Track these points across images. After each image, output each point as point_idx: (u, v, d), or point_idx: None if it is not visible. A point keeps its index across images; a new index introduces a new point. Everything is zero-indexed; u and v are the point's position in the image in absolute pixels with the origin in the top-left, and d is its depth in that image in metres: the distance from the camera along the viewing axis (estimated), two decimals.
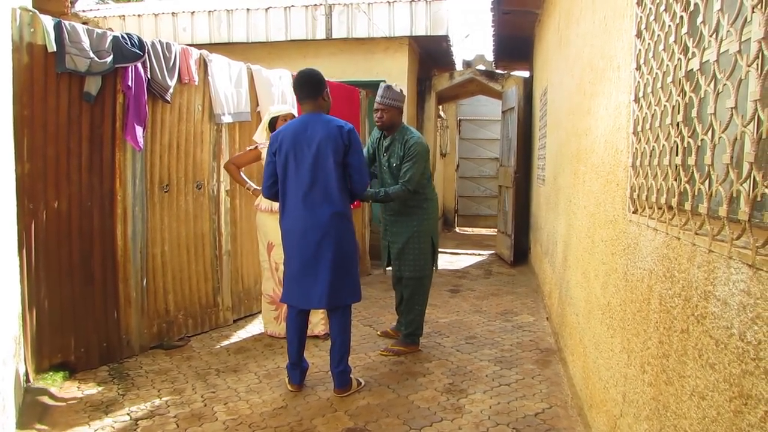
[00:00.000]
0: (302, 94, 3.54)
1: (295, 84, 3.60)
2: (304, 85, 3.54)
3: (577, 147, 3.79)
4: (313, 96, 3.54)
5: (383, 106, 4.26)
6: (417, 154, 4.18)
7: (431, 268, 4.43)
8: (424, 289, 4.43)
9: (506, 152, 8.92)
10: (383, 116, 4.28)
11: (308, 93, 3.53)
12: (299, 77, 3.56)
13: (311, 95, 3.54)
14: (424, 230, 4.34)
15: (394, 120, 4.30)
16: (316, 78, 3.55)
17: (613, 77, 2.64)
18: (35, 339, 3.66)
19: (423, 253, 4.35)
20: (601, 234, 2.79)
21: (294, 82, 3.61)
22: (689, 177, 1.59)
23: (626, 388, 2.14)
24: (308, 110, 3.56)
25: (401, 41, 8.50)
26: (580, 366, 3.25)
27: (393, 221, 4.43)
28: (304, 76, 3.56)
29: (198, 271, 4.84)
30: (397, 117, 4.31)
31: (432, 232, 4.39)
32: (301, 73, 3.58)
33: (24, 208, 3.58)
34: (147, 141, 4.31)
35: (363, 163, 3.56)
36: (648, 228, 1.94)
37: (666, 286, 1.71)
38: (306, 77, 3.55)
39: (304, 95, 3.54)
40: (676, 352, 1.60)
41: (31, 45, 3.57)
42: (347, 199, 3.57)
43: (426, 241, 4.35)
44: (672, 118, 1.76)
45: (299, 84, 3.55)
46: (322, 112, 3.57)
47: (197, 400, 3.50)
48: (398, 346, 4.42)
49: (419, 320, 4.44)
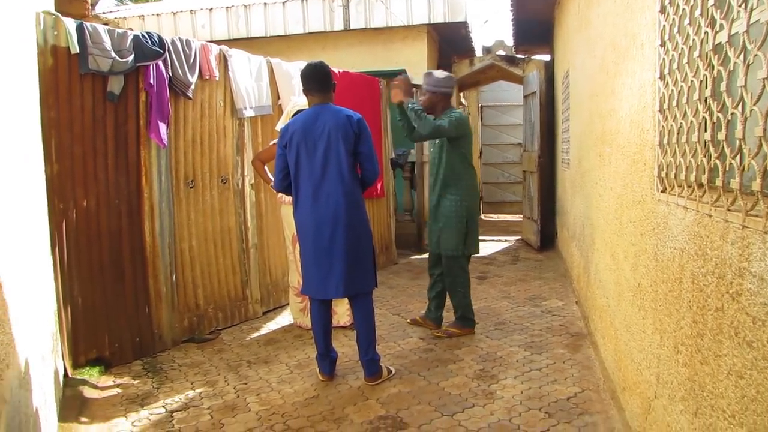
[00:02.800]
0: (312, 86, 3.55)
1: (304, 76, 3.58)
2: (314, 79, 3.54)
3: (602, 128, 3.74)
4: (323, 89, 3.55)
5: (423, 91, 4.52)
6: (452, 119, 4.31)
7: (467, 248, 4.44)
8: (461, 269, 4.47)
9: (529, 137, 8.84)
10: (422, 100, 4.50)
11: (318, 86, 3.54)
12: (310, 70, 3.56)
13: (321, 88, 3.55)
14: (459, 212, 4.40)
15: (434, 104, 4.46)
16: (325, 71, 3.57)
17: (637, 55, 2.59)
18: (71, 335, 3.74)
19: (459, 233, 4.40)
20: (629, 215, 2.76)
21: (303, 74, 3.59)
22: (720, 152, 1.56)
23: (660, 369, 2.11)
24: (317, 102, 3.56)
25: (419, 29, 8.45)
26: (612, 349, 3.23)
27: (435, 203, 4.55)
28: (314, 69, 3.56)
29: (226, 265, 4.89)
30: (437, 101, 4.46)
31: (469, 215, 4.44)
32: (311, 66, 3.58)
33: (55, 207, 3.64)
34: (171, 138, 4.36)
35: (373, 151, 3.57)
36: (677, 207, 1.91)
37: (698, 264, 1.69)
38: (317, 71, 3.55)
39: (313, 88, 3.55)
40: (711, 330, 1.57)
41: (54, 47, 3.62)
42: (359, 189, 3.58)
43: (461, 221, 4.40)
44: (699, 93, 1.72)
45: (309, 77, 3.55)
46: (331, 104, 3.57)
47: (230, 392, 3.54)
48: (452, 328, 4.52)
49: (464, 302, 4.49)
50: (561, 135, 7.56)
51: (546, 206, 8.40)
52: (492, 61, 9.41)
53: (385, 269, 7.16)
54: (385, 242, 7.40)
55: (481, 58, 9.57)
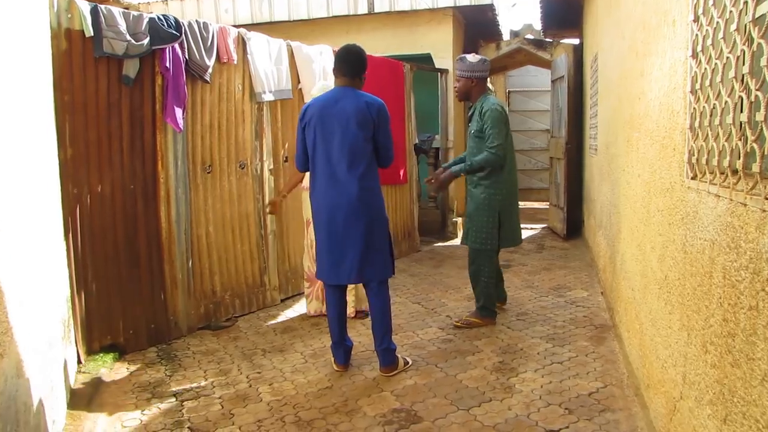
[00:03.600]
0: (343, 69, 3.44)
1: (339, 58, 3.46)
2: (348, 62, 3.44)
3: (630, 113, 3.57)
4: (354, 74, 3.45)
5: (456, 77, 4.50)
6: (491, 119, 4.18)
7: (493, 243, 4.32)
8: (486, 261, 4.35)
9: (557, 123, 8.61)
10: (456, 86, 4.48)
11: (350, 70, 3.43)
12: (346, 52, 3.45)
13: (352, 73, 3.44)
14: (491, 204, 4.28)
15: (469, 89, 4.39)
16: (361, 57, 3.46)
17: (668, 33, 2.43)
18: (85, 321, 3.72)
19: (486, 225, 4.29)
20: (656, 203, 2.60)
21: (338, 55, 3.48)
22: (757, 135, 1.41)
23: (686, 369, 1.98)
24: (341, 84, 3.46)
25: (445, 12, 8.26)
26: (637, 343, 3.08)
27: (469, 192, 4.51)
28: (351, 52, 3.46)
29: (244, 251, 4.83)
30: (472, 86, 4.37)
31: (502, 208, 4.31)
32: (348, 49, 3.47)
33: (68, 192, 3.61)
34: (188, 122, 4.29)
35: (390, 139, 3.48)
36: (709, 194, 1.76)
37: (730, 257, 1.55)
38: (353, 54, 3.45)
39: (344, 71, 3.44)
40: (744, 331, 1.43)
41: (69, 31, 3.58)
42: (376, 175, 3.47)
43: (492, 215, 4.28)
44: (736, 70, 1.57)
45: (344, 59, 3.44)
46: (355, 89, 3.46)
47: (243, 381, 3.48)
48: (472, 318, 4.43)
49: (486, 292, 4.38)
50: (589, 120, 7.34)
51: (573, 194, 8.19)
52: (519, 45, 9.18)
53: (407, 257, 7.06)
54: (407, 229, 7.29)
55: (508, 41, 9.35)
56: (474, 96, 4.39)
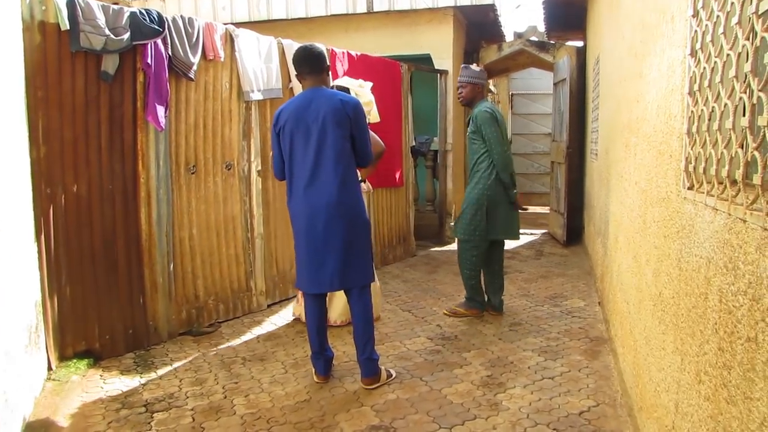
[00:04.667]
0: (304, 69, 3.31)
1: (296, 59, 3.35)
2: (306, 60, 3.30)
3: (629, 116, 3.40)
4: (316, 71, 3.30)
5: (461, 84, 4.70)
6: (481, 123, 4.45)
7: (479, 237, 4.51)
8: (468, 254, 4.57)
9: (558, 126, 8.44)
10: (462, 92, 4.70)
11: (309, 68, 3.30)
12: (301, 52, 3.33)
13: (313, 70, 3.30)
14: (479, 199, 4.49)
15: (473, 95, 4.66)
16: (316, 52, 3.33)
17: (666, 31, 2.26)
18: (57, 327, 3.57)
19: (473, 218, 4.50)
20: (653, 213, 2.43)
21: (294, 57, 3.36)
22: (759, 142, 1.24)
23: (679, 397, 1.81)
24: (310, 86, 3.31)
25: (445, 12, 8.10)
26: (631, 360, 2.91)
27: (469, 182, 4.71)
28: (305, 50, 3.34)
29: (229, 255, 4.68)
30: (474, 93, 4.66)
31: (489, 204, 4.49)
32: (302, 48, 3.36)
33: (41, 192, 3.46)
34: (171, 121, 4.15)
35: (368, 138, 3.34)
36: (706, 207, 1.59)
37: (727, 279, 1.38)
38: (307, 52, 3.32)
39: (305, 70, 3.31)
40: (741, 365, 1.27)
41: (43, 23, 3.43)
42: (355, 177, 3.31)
43: (479, 208, 4.48)
44: (737, 69, 1.41)
45: (302, 59, 3.31)
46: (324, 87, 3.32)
47: (218, 391, 3.33)
48: (459, 308, 4.71)
49: (470, 283, 4.62)
50: (591, 125, 7.17)
51: (573, 199, 8.01)
52: (521, 47, 9.00)
53: (402, 261, 6.90)
54: (403, 233, 7.13)
55: (510, 43, 9.18)
56: (476, 101, 4.65)
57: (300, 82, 3.40)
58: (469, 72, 4.67)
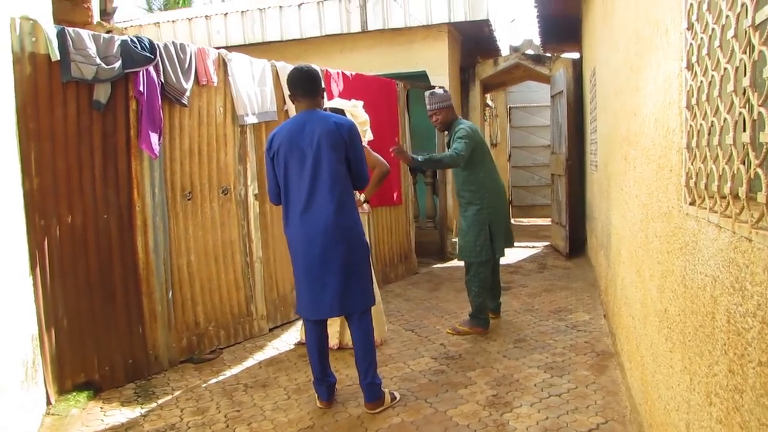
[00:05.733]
0: (298, 91, 3.25)
1: (294, 80, 3.26)
2: (301, 83, 3.24)
3: (626, 129, 3.37)
4: (310, 94, 3.26)
5: (433, 111, 4.61)
6: (462, 133, 4.42)
7: (486, 254, 4.53)
8: (478, 275, 4.57)
9: (557, 138, 8.41)
10: (437, 119, 4.62)
11: (303, 91, 3.24)
12: (298, 72, 3.26)
13: (308, 93, 3.25)
14: (480, 218, 4.52)
15: (448, 118, 4.61)
16: (312, 74, 3.27)
17: (661, 44, 2.23)
18: (55, 359, 3.52)
19: (479, 239, 4.51)
20: (654, 228, 2.39)
21: (291, 78, 3.28)
22: (762, 159, 1.20)
23: (690, 417, 1.75)
24: (304, 108, 3.27)
25: (440, 29, 8.12)
26: (638, 376, 2.85)
27: (461, 213, 4.73)
28: (299, 72, 3.27)
29: (228, 280, 4.63)
30: (449, 115, 4.62)
31: (490, 220, 4.54)
32: (297, 70, 3.28)
33: (35, 224, 3.43)
34: (165, 148, 4.12)
35: (363, 160, 3.29)
36: (709, 224, 1.55)
37: (735, 300, 1.34)
38: (303, 74, 3.26)
39: (299, 93, 3.25)
40: (754, 389, 1.22)
41: (33, 55, 3.42)
42: (352, 200, 3.27)
43: (482, 228, 4.51)
44: (735, 83, 1.37)
45: (297, 81, 3.24)
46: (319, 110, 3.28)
47: (220, 420, 3.27)
48: (463, 327, 4.66)
49: (477, 300, 4.59)
50: (589, 136, 7.14)
51: (575, 211, 7.97)
52: (517, 61, 9.01)
53: (404, 280, 6.84)
54: (404, 251, 7.08)
55: (506, 57, 9.18)
56: (450, 122, 4.61)
57: (293, 103, 3.36)
58: (437, 98, 4.60)
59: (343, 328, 4.30)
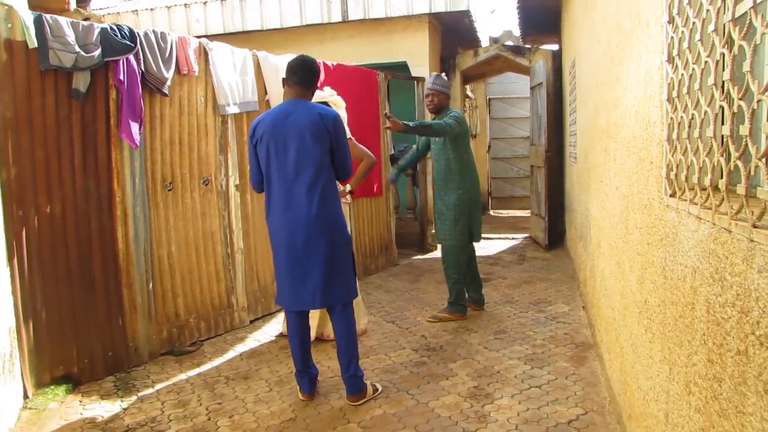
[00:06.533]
0: (296, 78, 3.22)
1: (295, 67, 3.24)
2: (302, 70, 3.23)
3: (607, 121, 3.40)
4: (304, 84, 3.25)
5: (433, 92, 4.75)
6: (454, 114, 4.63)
7: (465, 238, 4.71)
8: (457, 258, 4.72)
9: (536, 130, 8.47)
10: (434, 100, 4.75)
11: (299, 79, 3.23)
12: (300, 61, 3.26)
13: (308, 84, 3.25)
14: (462, 203, 4.66)
15: (443, 104, 4.77)
16: (313, 67, 3.28)
17: (642, 37, 2.26)
18: (33, 352, 3.48)
19: (458, 223, 4.67)
20: (635, 220, 2.42)
21: (294, 64, 3.25)
22: (742, 151, 1.23)
23: (669, 407, 1.79)
24: (292, 96, 3.25)
25: (420, 19, 8.12)
26: (617, 367, 2.89)
27: (438, 196, 4.83)
28: (302, 61, 3.27)
29: (209, 272, 4.60)
30: (445, 101, 4.79)
31: (472, 206, 4.72)
32: (305, 59, 3.28)
33: (12, 215, 3.37)
34: (146, 137, 4.08)
35: (347, 151, 3.28)
36: (689, 215, 1.58)
37: (714, 290, 1.36)
38: (307, 64, 3.26)
39: (296, 80, 3.23)
40: (732, 378, 1.25)
41: (9, 42, 3.35)
42: (335, 191, 3.26)
43: (463, 212, 4.67)
44: (715, 76, 1.39)
45: (297, 67, 3.23)
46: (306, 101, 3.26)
47: (201, 413, 3.26)
48: (443, 313, 4.80)
49: (456, 287, 4.75)
50: (569, 128, 7.20)
51: (554, 202, 8.03)
52: (497, 52, 9.05)
53: (384, 271, 6.85)
54: (384, 243, 7.08)
55: (486, 48, 9.21)
56: (443, 109, 4.77)
57: (284, 88, 3.32)
58: (441, 81, 4.77)
59: (323, 320, 4.29)
